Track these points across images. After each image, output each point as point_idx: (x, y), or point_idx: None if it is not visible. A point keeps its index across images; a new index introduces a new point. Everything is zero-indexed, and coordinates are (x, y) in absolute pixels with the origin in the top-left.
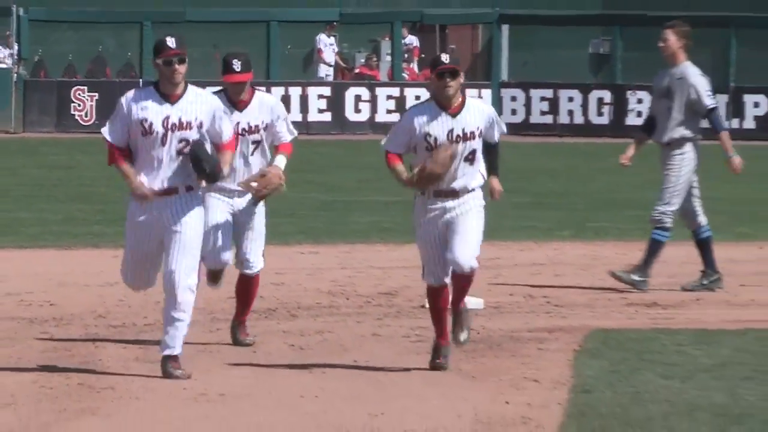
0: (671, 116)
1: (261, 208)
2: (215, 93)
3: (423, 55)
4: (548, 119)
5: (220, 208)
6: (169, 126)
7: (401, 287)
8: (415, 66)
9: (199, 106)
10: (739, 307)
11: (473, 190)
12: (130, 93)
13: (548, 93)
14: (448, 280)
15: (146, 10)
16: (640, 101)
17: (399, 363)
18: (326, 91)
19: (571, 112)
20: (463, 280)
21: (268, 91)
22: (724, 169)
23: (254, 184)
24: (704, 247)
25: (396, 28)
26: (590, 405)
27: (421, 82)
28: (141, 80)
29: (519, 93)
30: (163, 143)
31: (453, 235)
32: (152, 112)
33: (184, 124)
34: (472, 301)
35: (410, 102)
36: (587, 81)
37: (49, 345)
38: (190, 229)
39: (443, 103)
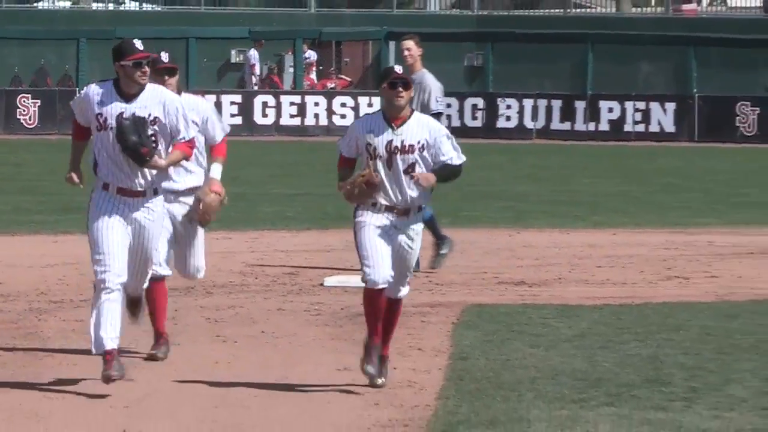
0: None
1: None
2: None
3: (321, 67)
4: None
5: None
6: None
7: (302, 268)
8: (314, 76)
9: (153, 101)
10: (596, 286)
11: (421, 208)
12: (93, 85)
13: None
14: (388, 283)
15: (81, 28)
16: (508, 107)
17: (301, 334)
18: (237, 98)
19: (449, 117)
20: (395, 307)
21: None
22: (584, 165)
23: (196, 216)
24: (429, 224)
25: (297, 44)
26: (467, 370)
27: (318, 90)
28: (77, 89)
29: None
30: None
31: (396, 260)
32: (108, 108)
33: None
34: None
35: (310, 107)
36: (463, 90)
37: None
38: (154, 230)
39: (390, 114)
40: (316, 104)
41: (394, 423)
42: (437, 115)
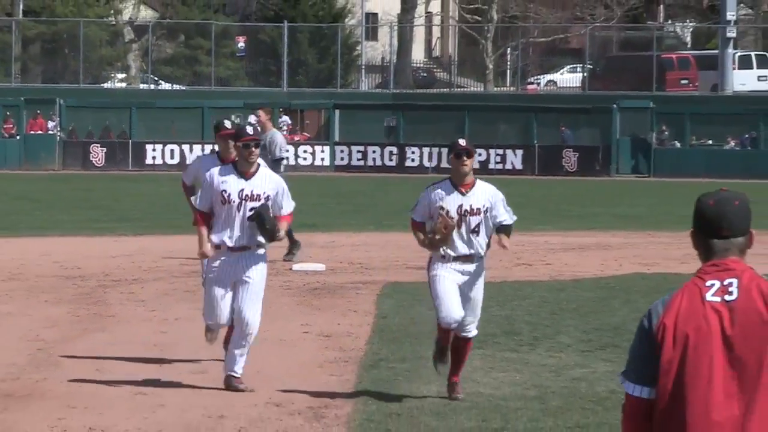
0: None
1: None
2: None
3: (294, 127)
4: (361, 163)
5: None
6: (243, 197)
7: (278, 260)
8: (286, 133)
9: (267, 182)
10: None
11: (482, 257)
12: (215, 169)
13: (361, 148)
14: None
15: (132, 100)
16: (413, 153)
17: (276, 301)
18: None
19: (374, 159)
20: (464, 344)
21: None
22: None
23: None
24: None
25: (275, 111)
26: (387, 325)
27: (289, 141)
28: (130, 139)
29: (345, 148)
30: (238, 210)
31: (465, 303)
32: (231, 185)
33: (255, 196)
34: (318, 265)
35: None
36: (383, 142)
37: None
38: (258, 279)
39: (457, 181)
40: (287, 150)
41: (338, 359)
42: (279, 160)
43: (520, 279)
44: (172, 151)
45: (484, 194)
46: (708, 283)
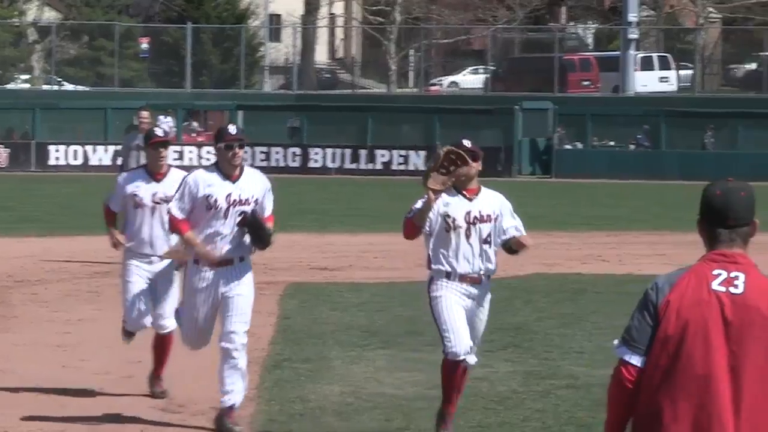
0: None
1: (175, 274)
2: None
3: (195, 126)
4: (264, 163)
5: (140, 274)
6: (231, 201)
7: None
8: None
9: (254, 184)
10: (374, 270)
11: (490, 276)
12: (197, 171)
13: (264, 148)
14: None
15: (36, 101)
16: (316, 153)
17: None
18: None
19: (277, 159)
20: (462, 373)
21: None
22: (366, 191)
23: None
24: None
25: (179, 112)
26: (289, 326)
27: (192, 142)
28: (33, 141)
29: (248, 148)
30: (225, 216)
31: (469, 328)
32: (216, 188)
33: (243, 200)
34: None
35: (186, 153)
36: (287, 143)
37: None
38: (245, 294)
39: (461, 186)
40: (191, 151)
41: None
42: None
43: (422, 279)
44: (75, 152)
45: (493, 200)
46: (715, 272)
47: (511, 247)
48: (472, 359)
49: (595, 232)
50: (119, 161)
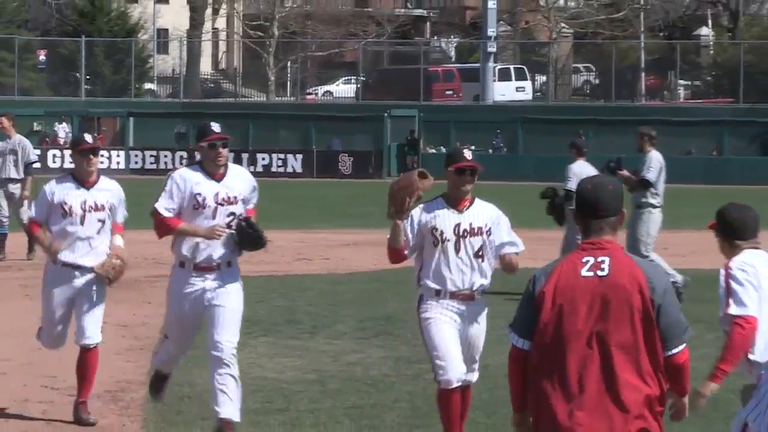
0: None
1: (102, 286)
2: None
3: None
4: (154, 166)
5: (62, 286)
6: (219, 201)
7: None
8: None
9: (240, 182)
10: (255, 264)
11: (484, 291)
12: (182, 170)
13: (154, 152)
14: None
15: None
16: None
17: None
18: (38, 152)
19: (166, 162)
20: (466, 395)
21: None
22: None
23: (102, 271)
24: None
25: (74, 119)
26: None
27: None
28: None
29: (139, 153)
30: (213, 216)
31: (466, 348)
32: (204, 187)
33: (231, 199)
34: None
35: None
36: (175, 147)
37: None
38: (233, 308)
39: (454, 199)
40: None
41: (134, 347)
42: (32, 164)
43: (300, 273)
44: None
45: (485, 213)
46: (584, 260)
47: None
48: (473, 377)
49: None
50: None
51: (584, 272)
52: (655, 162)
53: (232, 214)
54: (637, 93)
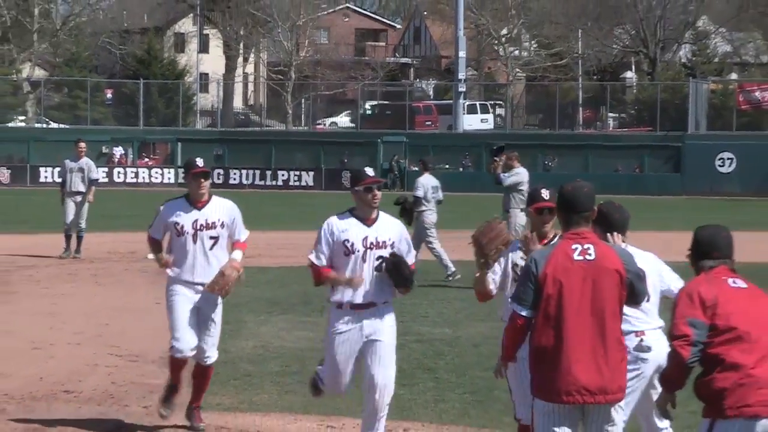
0: (79, 180)
1: (219, 302)
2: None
3: (145, 155)
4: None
5: (186, 301)
6: (368, 245)
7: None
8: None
9: (390, 228)
10: (276, 258)
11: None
12: (332, 219)
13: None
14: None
15: None
16: (234, 173)
17: (129, 281)
18: (106, 168)
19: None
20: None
21: None
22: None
23: (217, 288)
24: None
25: (134, 144)
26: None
27: (144, 165)
28: None
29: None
30: (364, 260)
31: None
32: (352, 233)
33: (380, 243)
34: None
35: (141, 174)
36: (213, 165)
37: None
38: (389, 342)
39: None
40: (143, 171)
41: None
42: (94, 181)
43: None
44: (58, 172)
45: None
46: (573, 246)
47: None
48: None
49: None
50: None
51: (576, 257)
52: (516, 174)
53: (381, 258)
54: (576, 123)
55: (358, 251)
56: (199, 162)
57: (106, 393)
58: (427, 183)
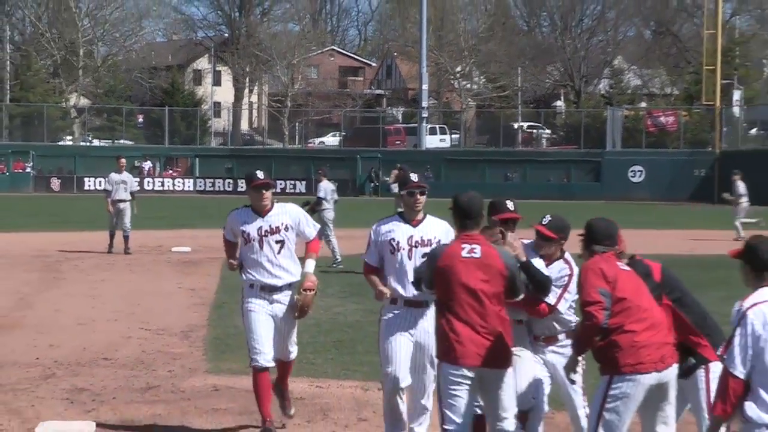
0: (122, 190)
1: (291, 309)
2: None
3: (169, 167)
4: (211, 188)
5: (262, 312)
6: (413, 243)
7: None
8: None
9: (435, 228)
10: None
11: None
12: (378, 224)
13: (211, 180)
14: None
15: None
16: (241, 182)
17: (158, 270)
18: (137, 179)
19: (219, 186)
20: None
21: None
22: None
23: (297, 313)
24: None
25: (161, 159)
26: (227, 283)
27: (169, 176)
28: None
29: (202, 180)
30: (410, 258)
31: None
32: (397, 233)
33: (425, 242)
34: (186, 248)
35: (167, 183)
36: (225, 176)
37: (42, 264)
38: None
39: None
40: (168, 181)
41: (198, 303)
42: (134, 192)
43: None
44: (100, 182)
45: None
46: (463, 246)
47: None
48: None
49: None
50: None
51: (464, 254)
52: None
53: (425, 255)
54: (516, 142)
55: (404, 249)
56: (260, 174)
57: (138, 360)
58: (327, 187)
